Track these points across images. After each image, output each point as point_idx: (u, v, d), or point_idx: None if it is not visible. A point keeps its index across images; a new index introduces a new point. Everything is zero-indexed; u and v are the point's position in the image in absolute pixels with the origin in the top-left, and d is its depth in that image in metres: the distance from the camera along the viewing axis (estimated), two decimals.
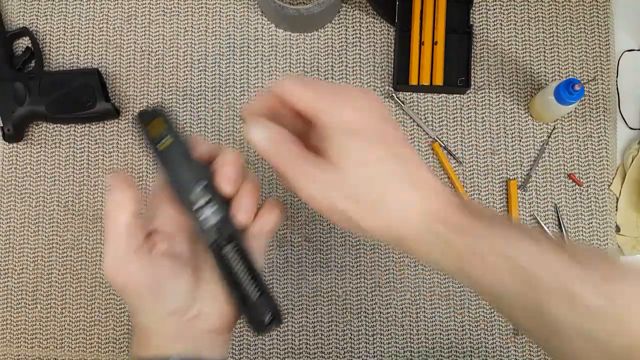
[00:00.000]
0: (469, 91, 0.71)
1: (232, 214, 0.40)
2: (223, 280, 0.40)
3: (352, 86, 0.39)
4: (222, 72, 0.72)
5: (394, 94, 0.70)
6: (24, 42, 0.72)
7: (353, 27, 0.72)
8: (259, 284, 0.40)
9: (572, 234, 0.69)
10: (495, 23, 0.72)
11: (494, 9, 0.72)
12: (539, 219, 0.69)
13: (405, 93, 0.71)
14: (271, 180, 0.70)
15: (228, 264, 0.39)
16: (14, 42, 0.72)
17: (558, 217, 0.69)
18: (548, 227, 0.69)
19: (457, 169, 0.70)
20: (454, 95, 0.71)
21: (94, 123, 0.71)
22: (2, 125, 0.67)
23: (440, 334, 0.68)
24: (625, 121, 0.71)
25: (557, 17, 0.72)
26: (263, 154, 0.38)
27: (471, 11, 0.71)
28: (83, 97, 0.68)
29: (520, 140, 0.70)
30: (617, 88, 0.71)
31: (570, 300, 0.33)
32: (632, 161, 0.69)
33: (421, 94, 0.71)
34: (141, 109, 0.42)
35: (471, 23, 0.71)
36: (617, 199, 0.70)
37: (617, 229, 0.69)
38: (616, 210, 0.70)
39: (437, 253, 0.37)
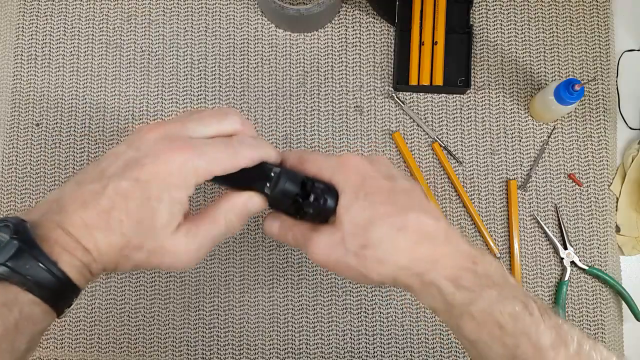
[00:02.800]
0: (469, 91, 0.71)
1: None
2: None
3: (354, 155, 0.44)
4: (222, 72, 0.72)
5: (394, 94, 0.70)
6: None
7: (353, 27, 0.72)
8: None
9: (572, 234, 0.69)
10: (495, 23, 0.72)
11: (494, 9, 0.72)
12: (539, 219, 0.69)
13: (405, 93, 0.71)
14: None
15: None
16: None
17: (558, 217, 0.69)
18: (548, 227, 0.69)
19: (457, 169, 0.70)
20: (454, 95, 0.71)
21: (93, 123, 0.71)
22: None
23: (441, 334, 0.68)
24: (625, 121, 0.71)
25: (557, 17, 0.72)
26: (275, 237, 0.44)
27: (471, 11, 0.71)
28: None
29: (520, 140, 0.70)
30: (617, 88, 0.71)
31: None
32: (632, 161, 0.69)
33: (421, 94, 0.71)
34: None
35: (471, 23, 0.71)
36: (617, 199, 0.70)
37: (617, 229, 0.69)
38: (616, 210, 0.70)
39: (436, 305, 0.39)
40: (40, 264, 0.34)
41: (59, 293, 0.35)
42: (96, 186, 0.36)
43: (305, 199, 0.41)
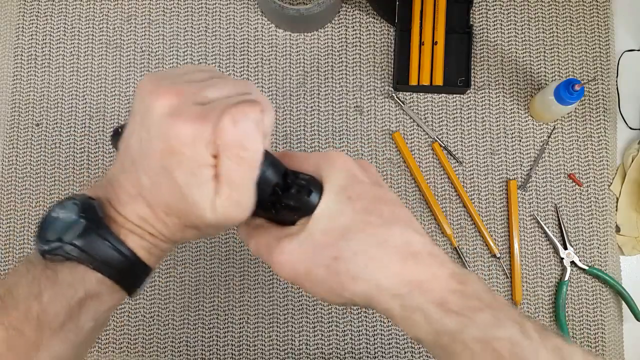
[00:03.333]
0: (469, 91, 0.71)
1: None
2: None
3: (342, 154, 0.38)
4: (222, 72, 0.72)
5: (394, 94, 0.70)
6: None
7: (353, 27, 0.72)
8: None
9: (572, 234, 0.69)
10: (495, 23, 0.72)
11: (494, 9, 0.72)
12: (539, 219, 0.69)
13: (405, 93, 0.71)
14: None
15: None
16: None
17: (558, 217, 0.69)
18: (548, 227, 0.69)
19: (457, 169, 0.70)
20: (454, 95, 0.71)
21: (93, 123, 0.71)
22: None
23: None
24: (625, 121, 0.71)
25: (557, 17, 0.72)
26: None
27: (471, 11, 0.71)
28: None
29: (520, 140, 0.70)
30: (617, 88, 0.71)
31: None
32: (632, 161, 0.69)
33: (421, 94, 0.71)
34: (113, 129, 0.42)
35: (471, 23, 0.71)
36: (617, 199, 0.70)
37: (617, 229, 0.69)
38: (616, 210, 0.70)
39: (421, 334, 0.33)
40: (108, 243, 0.34)
41: (128, 272, 0.35)
42: (133, 176, 0.35)
43: (285, 191, 0.35)
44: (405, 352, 0.68)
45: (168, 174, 0.33)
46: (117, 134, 0.38)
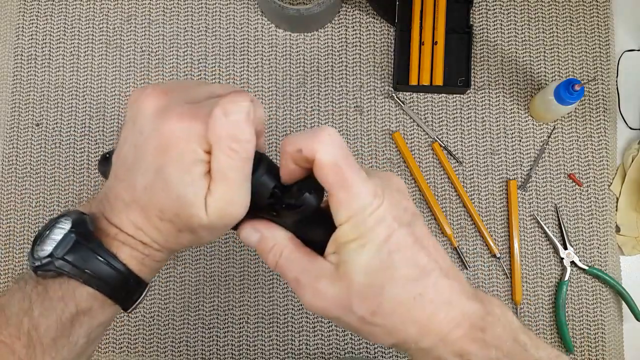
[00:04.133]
0: (469, 91, 0.71)
1: None
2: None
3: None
4: (222, 72, 0.72)
5: (394, 94, 0.70)
6: None
7: (353, 27, 0.72)
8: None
9: (572, 234, 0.69)
10: (495, 23, 0.72)
11: (494, 9, 0.72)
12: (539, 219, 0.69)
13: (405, 93, 0.71)
14: None
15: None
16: None
17: (558, 217, 0.69)
18: (548, 227, 0.69)
19: (457, 169, 0.70)
20: (454, 95, 0.71)
21: (93, 123, 0.71)
22: None
23: None
24: (625, 121, 0.71)
25: (557, 17, 0.72)
26: (262, 256, 0.36)
27: (471, 11, 0.71)
28: None
29: (520, 140, 0.70)
30: (617, 88, 0.71)
31: None
32: (632, 161, 0.69)
33: (421, 94, 0.71)
34: (100, 156, 0.42)
35: (471, 23, 0.71)
36: (617, 199, 0.70)
37: (617, 229, 0.69)
38: (616, 210, 0.70)
39: None
40: (99, 257, 0.33)
41: (120, 285, 0.34)
42: (127, 184, 0.34)
43: (285, 192, 0.34)
44: (405, 353, 0.68)
45: (162, 172, 0.32)
46: (105, 159, 0.38)
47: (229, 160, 0.32)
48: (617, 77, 0.71)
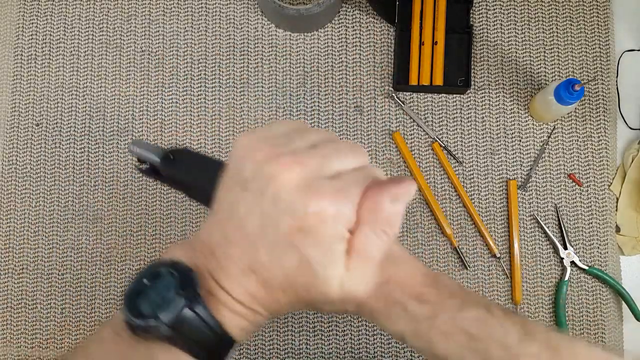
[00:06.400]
0: (469, 91, 0.71)
1: None
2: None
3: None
4: (222, 72, 0.72)
5: (394, 94, 0.70)
6: None
7: (353, 27, 0.72)
8: None
9: (572, 234, 0.69)
10: (495, 23, 0.72)
11: (494, 9, 0.72)
12: (539, 219, 0.69)
13: (405, 93, 0.71)
14: None
15: None
16: None
17: (558, 217, 0.69)
18: (548, 227, 0.69)
19: (457, 169, 0.70)
20: (454, 95, 0.71)
21: (93, 123, 0.71)
22: None
23: None
24: (625, 121, 0.71)
25: (557, 17, 0.72)
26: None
27: (471, 11, 0.71)
28: None
29: (520, 140, 0.70)
30: (617, 88, 0.71)
31: None
32: (632, 161, 0.69)
33: (421, 94, 0.71)
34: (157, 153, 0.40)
35: (471, 23, 0.71)
36: (617, 199, 0.70)
37: (617, 229, 0.69)
38: (616, 210, 0.70)
39: (403, 326, 0.35)
40: (205, 324, 0.32)
41: (217, 350, 0.33)
42: (244, 250, 0.32)
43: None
44: (404, 352, 0.68)
45: (296, 250, 0.31)
46: (170, 161, 0.38)
47: (379, 242, 0.32)
48: (617, 77, 0.71)
